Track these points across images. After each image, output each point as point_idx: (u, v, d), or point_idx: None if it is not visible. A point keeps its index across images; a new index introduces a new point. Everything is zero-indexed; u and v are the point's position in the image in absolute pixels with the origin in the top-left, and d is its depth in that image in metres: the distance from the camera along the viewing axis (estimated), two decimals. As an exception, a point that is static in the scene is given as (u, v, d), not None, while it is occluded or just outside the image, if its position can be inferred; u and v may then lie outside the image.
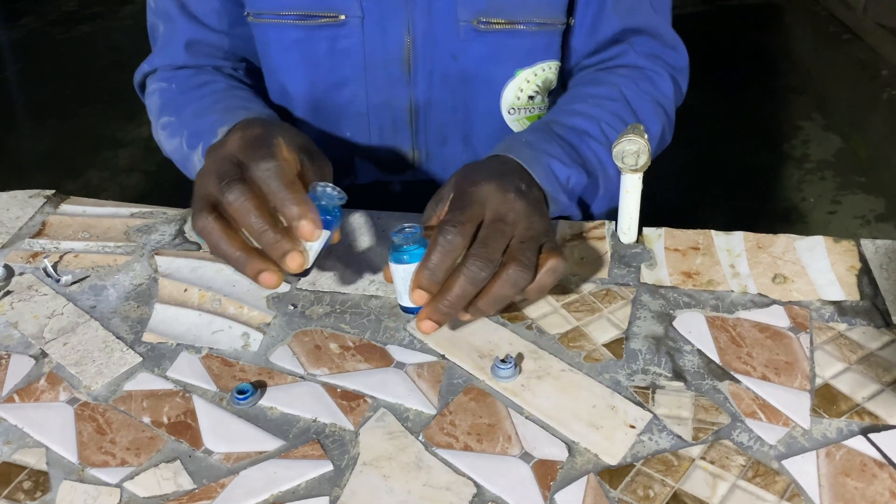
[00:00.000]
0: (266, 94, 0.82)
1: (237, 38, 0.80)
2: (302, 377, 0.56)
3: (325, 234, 0.54)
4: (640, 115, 0.76)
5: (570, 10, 0.77)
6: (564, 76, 0.83)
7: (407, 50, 0.75)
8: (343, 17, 0.74)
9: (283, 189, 0.53)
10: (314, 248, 0.54)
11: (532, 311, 0.60)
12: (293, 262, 0.52)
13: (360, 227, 0.70)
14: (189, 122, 0.72)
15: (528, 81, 0.78)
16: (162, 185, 2.36)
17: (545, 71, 0.78)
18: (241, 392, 0.53)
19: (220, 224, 0.53)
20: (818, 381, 0.54)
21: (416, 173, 0.83)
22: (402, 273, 0.54)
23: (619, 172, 0.65)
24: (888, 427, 0.51)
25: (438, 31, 0.75)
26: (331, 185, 0.56)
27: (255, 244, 0.53)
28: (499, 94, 0.78)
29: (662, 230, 0.68)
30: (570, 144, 0.70)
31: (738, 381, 0.54)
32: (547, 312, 0.60)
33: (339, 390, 0.55)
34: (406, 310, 0.56)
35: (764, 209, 2.18)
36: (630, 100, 0.76)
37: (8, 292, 0.64)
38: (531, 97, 0.79)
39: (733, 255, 0.65)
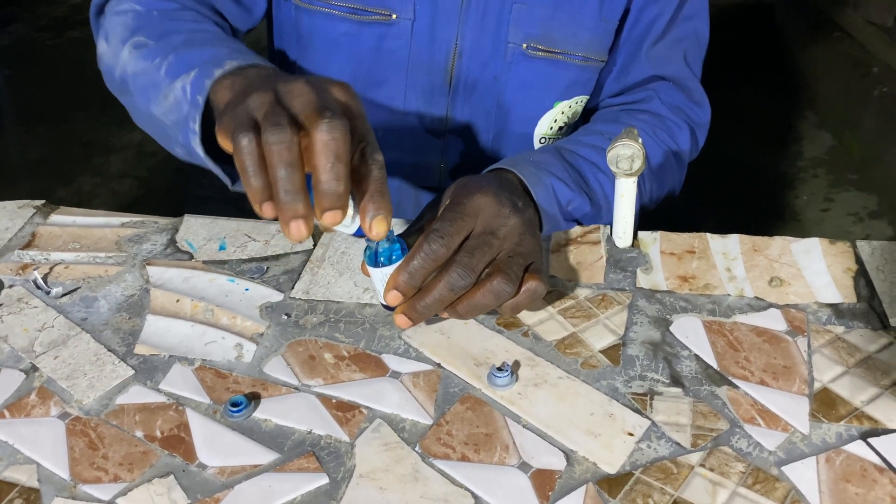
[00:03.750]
0: None
1: (236, 5, 0.76)
2: (296, 388, 0.55)
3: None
4: (653, 162, 0.77)
5: (610, 49, 0.78)
6: (587, 111, 0.83)
7: (452, 61, 0.75)
8: (395, 16, 0.74)
9: (379, 180, 0.49)
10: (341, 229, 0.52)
11: (528, 318, 0.60)
12: (331, 219, 0.48)
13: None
14: (179, 49, 0.64)
15: (563, 113, 0.79)
16: (154, 191, 2.35)
17: (578, 104, 0.79)
18: (234, 405, 0.53)
19: (290, 148, 0.47)
20: (816, 385, 0.54)
21: (438, 184, 0.83)
22: (379, 275, 0.55)
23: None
24: (888, 431, 0.50)
25: (486, 48, 0.75)
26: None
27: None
28: (535, 122, 0.79)
29: (658, 234, 0.68)
30: (577, 171, 0.71)
31: (736, 387, 0.54)
32: (543, 319, 0.60)
33: (334, 401, 0.54)
34: (386, 307, 0.56)
35: (757, 207, 2.18)
36: (646, 145, 0.76)
37: (-3, 305, 0.63)
38: (560, 128, 0.80)
39: (729, 259, 0.65)
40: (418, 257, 0.53)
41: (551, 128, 0.79)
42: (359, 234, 0.53)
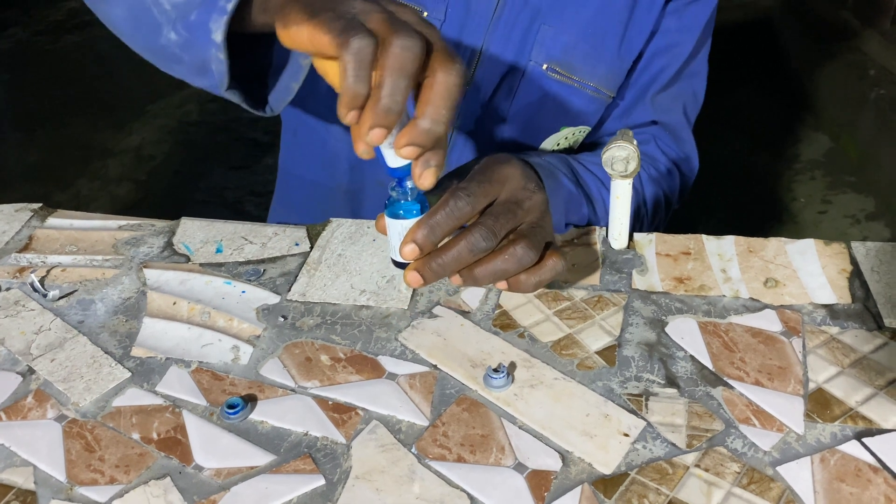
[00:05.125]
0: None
1: None
2: (293, 390, 0.55)
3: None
4: (648, 198, 0.79)
5: (620, 89, 0.80)
6: (584, 146, 0.85)
7: (473, 68, 0.76)
8: (425, 14, 0.74)
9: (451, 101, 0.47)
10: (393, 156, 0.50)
11: (524, 319, 0.60)
12: (411, 153, 0.47)
13: (351, 235, 0.70)
14: None
15: (566, 139, 0.80)
16: (152, 195, 2.35)
17: (581, 133, 0.81)
18: (231, 406, 0.53)
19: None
20: (811, 386, 0.54)
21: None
22: (398, 228, 0.53)
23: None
24: (882, 431, 0.50)
25: (507, 61, 0.76)
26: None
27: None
28: (540, 141, 0.80)
29: (653, 235, 0.68)
30: (581, 178, 0.72)
31: (731, 387, 0.54)
32: (539, 320, 0.60)
33: (330, 403, 0.54)
34: (398, 264, 0.55)
35: (755, 209, 2.19)
36: (643, 179, 0.78)
37: (-6, 308, 0.63)
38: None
39: (724, 260, 0.65)
40: (441, 212, 0.52)
41: (553, 151, 0.81)
42: (393, 172, 0.51)
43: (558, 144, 0.80)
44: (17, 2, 3.83)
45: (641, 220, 0.79)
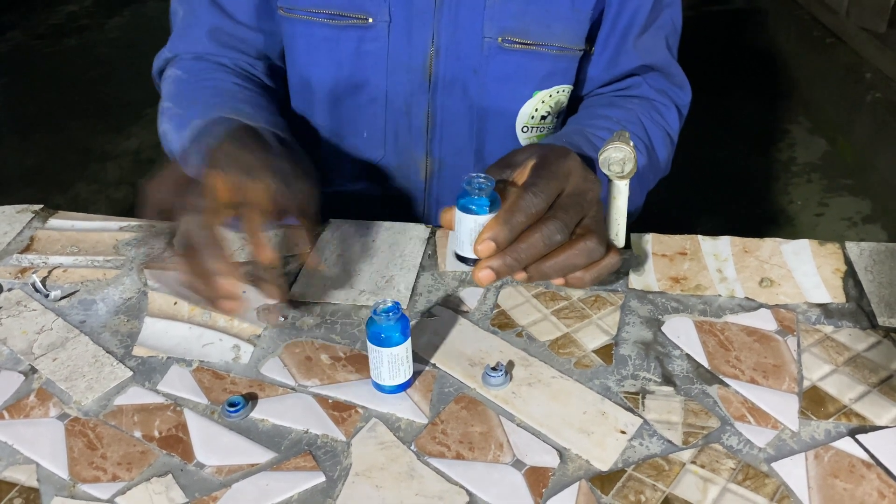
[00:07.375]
0: (286, 92, 0.83)
1: (262, 34, 0.80)
2: (293, 389, 0.56)
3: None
4: (654, 142, 0.79)
5: (590, 39, 0.79)
6: (574, 100, 0.85)
7: (430, 59, 0.77)
8: (371, 20, 0.75)
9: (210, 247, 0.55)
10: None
11: (522, 319, 0.61)
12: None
13: (352, 236, 0.70)
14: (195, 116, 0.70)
15: (543, 102, 0.80)
16: (151, 198, 2.35)
17: (559, 94, 0.81)
18: (232, 405, 0.53)
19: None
20: (806, 384, 0.55)
21: (424, 180, 0.84)
22: (470, 223, 0.53)
23: (644, 188, 0.68)
24: (875, 428, 0.51)
25: (462, 44, 0.76)
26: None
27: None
28: (515, 112, 0.80)
29: (650, 236, 0.69)
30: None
31: (726, 385, 0.55)
32: (537, 319, 0.61)
33: (330, 401, 0.55)
34: (462, 259, 0.55)
35: (752, 212, 2.19)
36: (646, 126, 0.78)
37: (-4, 308, 0.64)
38: (543, 117, 0.81)
39: (720, 260, 0.66)
40: (518, 210, 0.52)
41: (532, 117, 0.81)
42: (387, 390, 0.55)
43: (536, 110, 0.80)
44: (15, 5, 3.84)
45: (655, 168, 0.79)
